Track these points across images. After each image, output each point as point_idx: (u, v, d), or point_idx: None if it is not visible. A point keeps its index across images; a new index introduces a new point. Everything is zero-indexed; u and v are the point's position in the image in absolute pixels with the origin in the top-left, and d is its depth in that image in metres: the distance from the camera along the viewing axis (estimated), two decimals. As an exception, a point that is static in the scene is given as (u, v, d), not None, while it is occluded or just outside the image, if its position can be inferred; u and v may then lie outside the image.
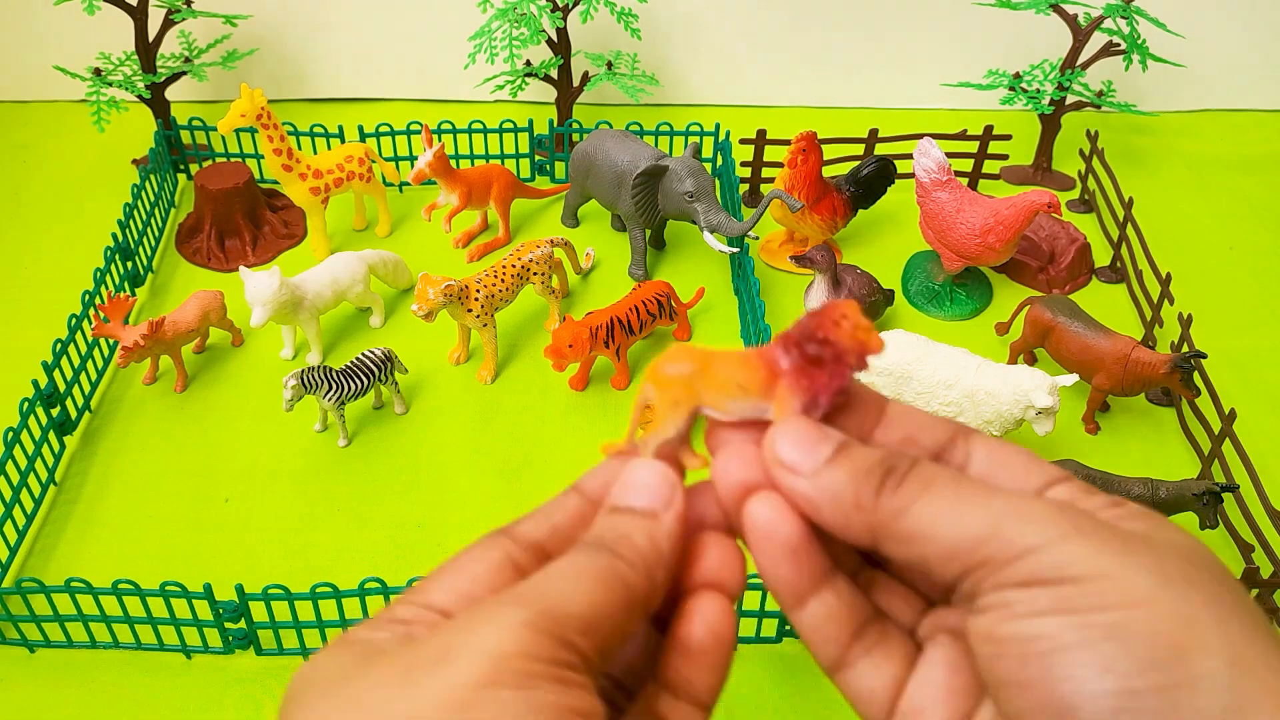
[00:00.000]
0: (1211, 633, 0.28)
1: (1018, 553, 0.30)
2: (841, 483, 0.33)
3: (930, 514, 0.32)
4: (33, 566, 0.94)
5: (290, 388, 0.98)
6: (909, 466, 0.33)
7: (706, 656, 0.35)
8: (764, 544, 0.35)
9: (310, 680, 0.31)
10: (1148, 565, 0.29)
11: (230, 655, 0.88)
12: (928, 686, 0.35)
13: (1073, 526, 0.30)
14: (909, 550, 0.32)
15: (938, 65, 1.52)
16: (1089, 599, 0.28)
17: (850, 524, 0.33)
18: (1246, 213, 1.40)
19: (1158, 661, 0.27)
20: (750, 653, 0.88)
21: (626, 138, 1.25)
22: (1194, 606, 0.28)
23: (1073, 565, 0.29)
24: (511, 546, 0.35)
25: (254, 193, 1.30)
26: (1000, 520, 0.30)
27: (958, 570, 0.31)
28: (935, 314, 1.22)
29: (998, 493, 0.32)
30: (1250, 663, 0.27)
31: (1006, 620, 0.30)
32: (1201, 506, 0.89)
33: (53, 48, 1.51)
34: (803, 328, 0.36)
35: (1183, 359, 1.01)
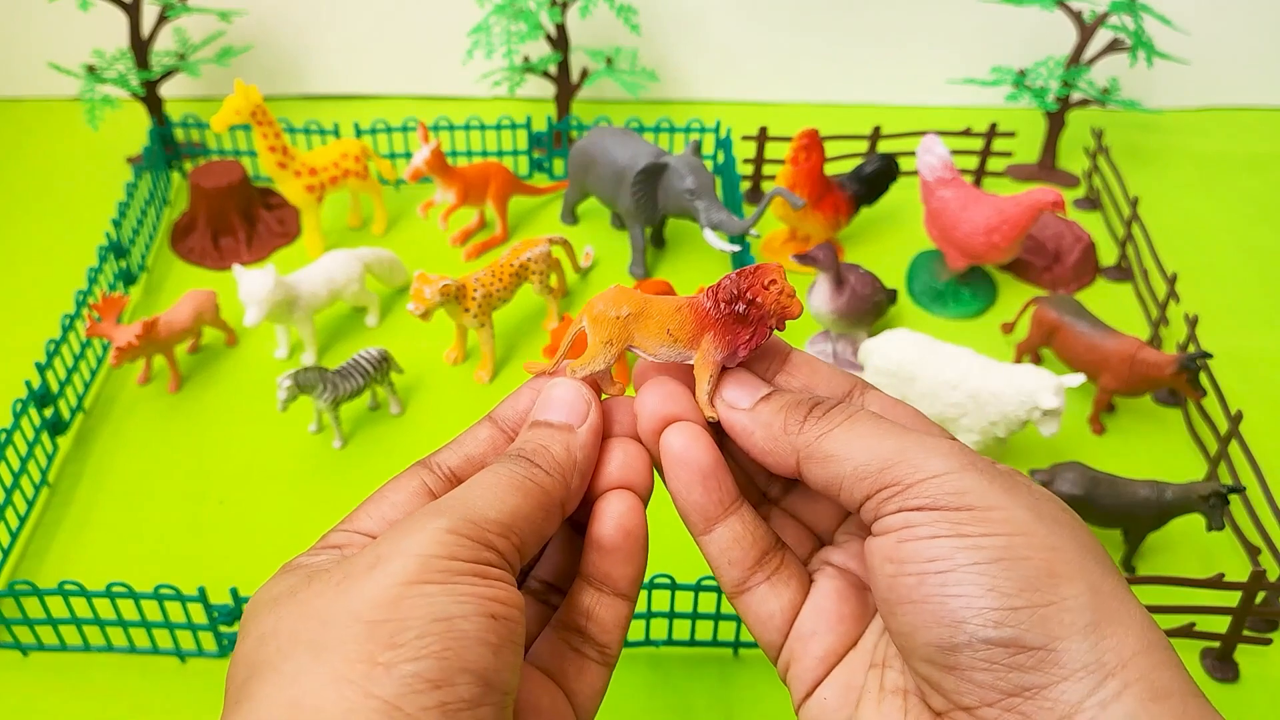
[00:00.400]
0: (1076, 563, 0.32)
1: (922, 477, 0.34)
2: (773, 413, 0.38)
3: (846, 438, 0.36)
4: (25, 569, 0.93)
5: (285, 388, 0.97)
6: (835, 403, 0.38)
7: (619, 551, 0.39)
8: (678, 469, 0.38)
9: (259, 601, 0.34)
10: (1025, 502, 0.33)
11: (225, 659, 0.87)
12: (819, 612, 0.39)
13: (969, 461, 0.34)
14: (825, 469, 0.36)
15: (942, 62, 1.51)
16: (980, 526, 0.32)
17: (779, 448, 0.37)
18: (1254, 211, 1.39)
19: (1033, 583, 0.32)
20: (751, 656, 0.87)
21: (626, 135, 1.23)
22: (1062, 539, 0.33)
23: (967, 494, 0.33)
24: (428, 475, 0.39)
25: (249, 190, 1.29)
26: (908, 448, 0.34)
27: (867, 489, 0.35)
28: (939, 313, 1.21)
29: (908, 430, 0.36)
30: (1103, 591, 0.32)
31: (908, 541, 0.33)
32: (1208, 508, 0.88)
33: (46, 44, 1.49)
34: (733, 286, 0.40)
35: (1189, 359, 1.00)
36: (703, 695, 0.84)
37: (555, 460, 0.38)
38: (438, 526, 0.33)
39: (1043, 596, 0.31)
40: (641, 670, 0.86)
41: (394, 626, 0.30)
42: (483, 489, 0.36)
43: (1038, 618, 0.31)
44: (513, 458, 0.37)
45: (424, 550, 0.32)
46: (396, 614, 0.31)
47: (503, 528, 0.34)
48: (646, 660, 0.87)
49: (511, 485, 0.36)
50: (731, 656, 0.88)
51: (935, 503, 0.33)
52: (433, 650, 0.30)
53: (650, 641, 0.87)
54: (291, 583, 0.34)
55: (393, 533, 0.34)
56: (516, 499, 0.35)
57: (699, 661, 0.87)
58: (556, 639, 0.39)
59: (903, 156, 1.32)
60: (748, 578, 0.39)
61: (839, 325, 1.11)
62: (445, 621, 0.31)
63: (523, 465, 0.37)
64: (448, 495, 0.36)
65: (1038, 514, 0.33)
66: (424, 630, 0.30)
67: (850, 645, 0.38)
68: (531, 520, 0.36)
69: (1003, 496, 0.33)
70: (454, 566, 0.32)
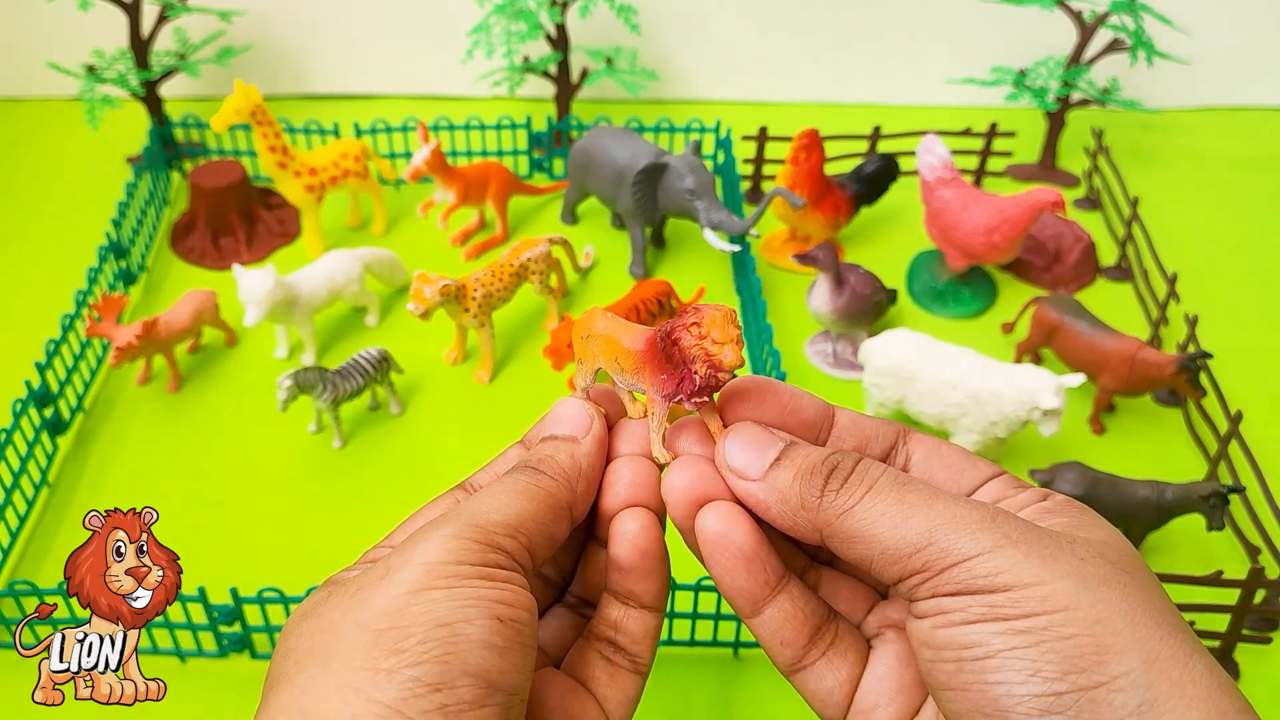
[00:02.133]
0: (1125, 633, 0.30)
1: (953, 561, 0.32)
2: (787, 484, 0.35)
3: (871, 518, 0.33)
4: (25, 569, 0.93)
5: (285, 388, 0.97)
6: (852, 466, 0.35)
7: (638, 569, 0.39)
8: (718, 554, 0.37)
9: (294, 617, 0.35)
10: (1068, 570, 0.31)
11: (225, 659, 0.87)
12: (880, 683, 0.37)
13: (1003, 535, 0.32)
14: (852, 550, 0.34)
15: (942, 61, 1.51)
16: (1016, 607, 0.30)
17: (798, 524, 0.35)
18: (1254, 211, 1.39)
19: (1078, 664, 0.29)
20: (751, 656, 0.87)
21: (626, 134, 1.23)
22: (1110, 608, 0.30)
23: (1001, 574, 0.31)
24: (463, 495, 0.40)
25: (248, 190, 1.29)
26: (936, 528, 0.32)
27: (898, 573, 0.33)
28: (939, 313, 1.21)
29: (936, 498, 0.33)
30: (1159, 659, 0.30)
31: (943, 628, 0.32)
32: (1208, 508, 0.88)
33: (46, 44, 1.49)
34: (670, 322, 0.38)
35: (1189, 359, 1.00)
36: (703, 695, 0.84)
37: (560, 467, 0.38)
38: (444, 533, 0.34)
39: (1089, 678, 0.29)
40: (641, 670, 0.86)
41: (398, 634, 0.31)
42: (488, 496, 0.37)
43: (1085, 701, 0.29)
44: (520, 468, 0.39)
45: (430, 557, 0.33)
46: (401, 621, 0.32)
47: (509, 529, 0.35)
48: (646, 660, 0.87)
49: (517, 490, 0.37)
50: (731, 656, 0.87)
51: (969, 586, 0.31)
52: (433, 655, 0.31)
53: (650, 641, 0.87)
54: (320, 597, 0.35)
55: (405, 543, 0.35)
56: (522, 502, 0.36)
57: (699, 661, 0.87)
58: (589, 649, 0.40)
59: (903, 156, 1.32)
60: (802, 656, 0.37)
61: (839, 325, 1.11)
62: (447, 626, 0.32)
63: (529, 473, 0.38)
64: (457, 506, 0.37)
65: (1082, 581, 0.31)
66: (426, 636, 0.31)
67: (914, 713, 0.37)
68: (538, 521, 0.36)
69: (1041, 569, 0.31)
70: (460, 570, 0.33)
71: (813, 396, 0.39)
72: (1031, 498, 0.36)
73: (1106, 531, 0.34)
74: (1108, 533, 0.34)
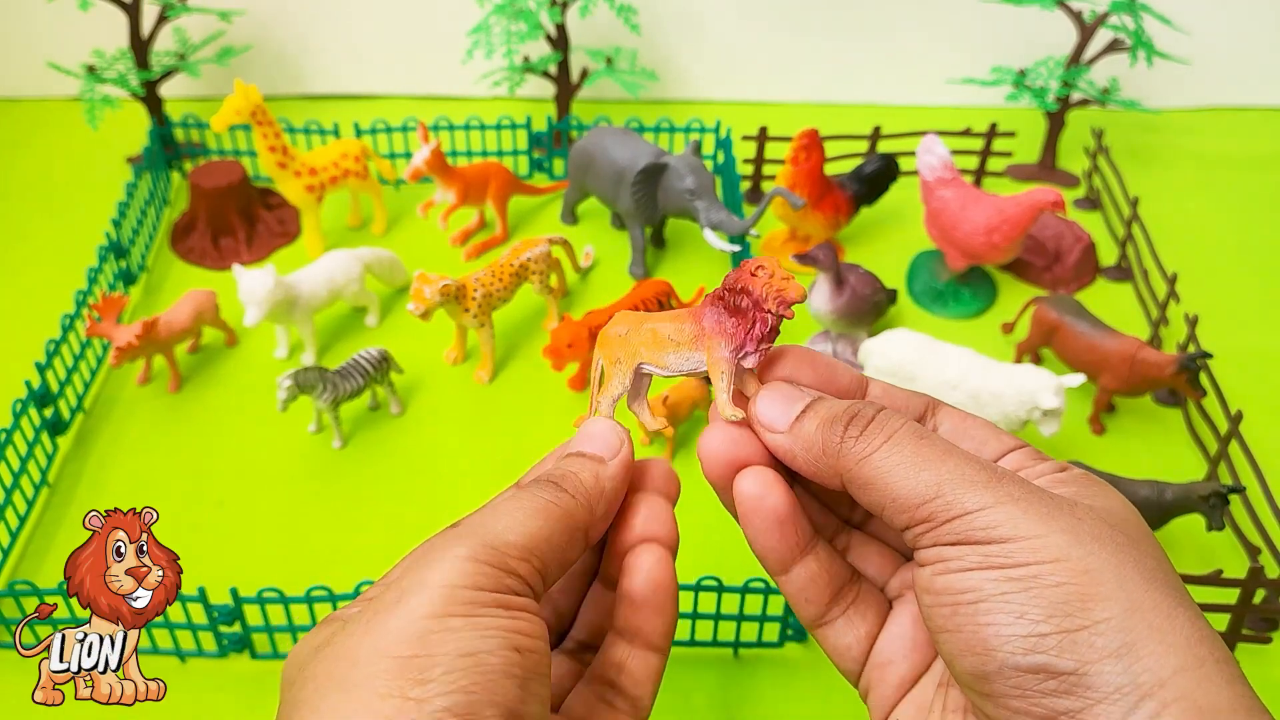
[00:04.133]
0: (1111, 583, 0.32)
1: (956, 513, 0.34)
2: (811, 432, 0.37)
3: (887, 466, 0.35)
4: (25, 569, 0.93)
5: (285, 388, 0.97)
6: (872, 415, 0.37)
7: (649, 604, 0.39)
8: (753, 516, 0.39)
9: (300, 652, 0.35)
10: (1064, 527, 0.33)
11: (225, 659, 0.87)
12: (895, 641, 0.39)
13: (1005, 493, 0.33)
14: (867, 496, 0.36)
15: (942, 62, 1.51)
16: (1009, 556, 0.32)
17: (821, 469, 0.37)
18: (1254, 211, 1.39)
19: (1063, 609, 0.31)
20: (751, 656, 0.87)
21: (626, 135, 1.23)
22: (1099, 560, 0.32)
23: (999, 527, 0.33)
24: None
25: (248, 190, 1.29)
26: (944, 483, 0.34)
27: (905, 521, 0.35)
28: (939, 313, 1.21)
29: (949, 454, 0.35)
30: (1142, 608, 0.31)
31: (941, 574, 0.34)
32: (1208, 508, 0.88)
33: (46, 44, 1.49)
34: (725, 282, 0.40)
35: (1189, 359, 1.00)
36: (703, 695, 0.84)
37: (583, 486, 0.38)
38: (458, 555, 0.33)
39: (1073, 621, 0.31)
40: (641, 670, 0.86)
41: (422, 662, 0.31)
42: (502, 513, 0.36)
43: (1067, 642, 0.31)
44: (539, 483, 0.38)
45: (447, 581, 0.33)
46: (424, 649, 0.31)
47: (523, 551, 0.35)
48: (646, 660, 0.87)
49: (534, 509, 0.36)
50: (731, 656, 0.87)
51: (968, 537, 0.33)
52: (460, 685, 0.31)
53: (650, 641, 0.87)
54: (329, 632, 0.34)
55: (414, 564, 0.34)
56: (537, 522, 0.36)
57: (699, 661, 0.87)
58: (589, 693, 0.40)
59: (903, 156, 1.32)
60: (824, 613, 0.40)
61: (839, 325, 1.11)
62: (472, 656, 0.31)
63: (548, 490, 0.37)
64: (467, 519, 0.36)
65: (1075, 536, 0.32)
66: (451, 665, 0.31)
67: (925, 669, 0.39)
68: (553, 543, 0.36)
69: (1037, 525, 0.33)
70: (478, 598, 0.33)
71: (848, 367, 0.41)
72: (1049, 469, 0.37)
73: (1115, 501, 0.36)
74: (1116, 502, 0.36)
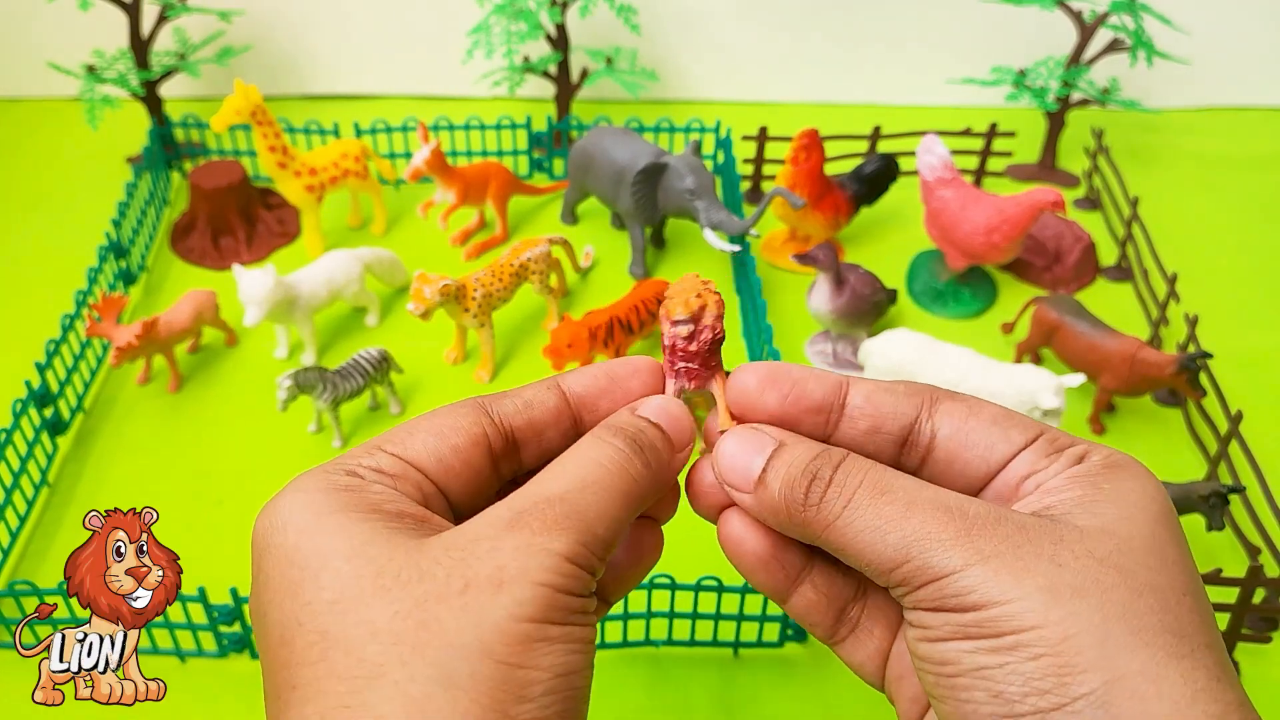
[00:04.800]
0: (1090, 650, 0.29)
1: (927, 578, 0.32)
2: (774, 498, 0.35)
3: (851, 533, 0.33)
4: (25, 569, 0.93)
5: (285, 388, 0.97)
6: (830, 474, 0.34)
7: (630, 576, 0.39)
8: (736, 560, 0.38)
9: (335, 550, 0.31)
10: (1040, 584, 0.30)
11: (225, 659, 0.87)
12: (904, 657, 0.38)
13: (975, 551, 0.31)
14: (845, 558, 0.35)
15: (942, 62, 1.51)
16: (983, 627, 0.30)
17: (792, 532, 0.36)
18: (1254, 211, 1.39)
19: (1039, 687, 0.29)
20: (751, 656, 0.87)
21: (626, 134, 1.23)
22: (1079, 623, 0.30)
23: (972, 593, 0.31)
24: (489, 425, 0.36)
25: (248, 190, 1.29)
26: (911, 545, 0.32)
27: (884, 584, 0.34)
28: (939, 313, 1.21)
29: (913, 510, 0.33)
30: (1127, 675, 0.29)
31: (923, 641, 0.32)
32: (1208, 508, 0.88)
33: (46, 44, 1.49)
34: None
35: (1189, 359, 1.00)
36: (703, 695, 0.84)
37: (662, 463, 0.37)
38: (558, 552, 0.31)
39: (1049, 700, 0.29)
40: (641, 670, 0.86)
41: (524, 676, 0.29)
42: (594, 495, 0.34)
43: None
44: (628, 441, 0.36)
45: (548, 580, 0.31)
46: (527, 660, 0.30)
47: (606, 549, 0.33)
48: (646, 660, 0.87)
49: (623, 487, 0.34)
50: (731, 656, 0.87)
51: (943, 605, 0.32)
52: (556, 710, 0.30)
53: (650, 641, 0.87)
54: (380, 546, 0.31)
55: (509, 540, 0.31)
56: (622, 508, 0.34)
57: (699, 661, 0.87)
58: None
59: (903, 156, 1.32)
60: (832, 633, 0.39)
61: (839, 325, 1.11)
62: (566, 678, 0.30)
63: (638, 458, 0.35)
64: (561, 494, 0.33)
65: (1053, 595, 0.30)
66: (551, 687, 0.30)
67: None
68: (622, 529, 0.35)
69: (1011, 586, 0.30)
70: (571, 604, 0.31)
71: (821, 377, 0.38)
72: (1062, 467, 0.35)
73: (1123, 507, 0.33)
74: (1125, 508, 0.33)
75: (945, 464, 0.37)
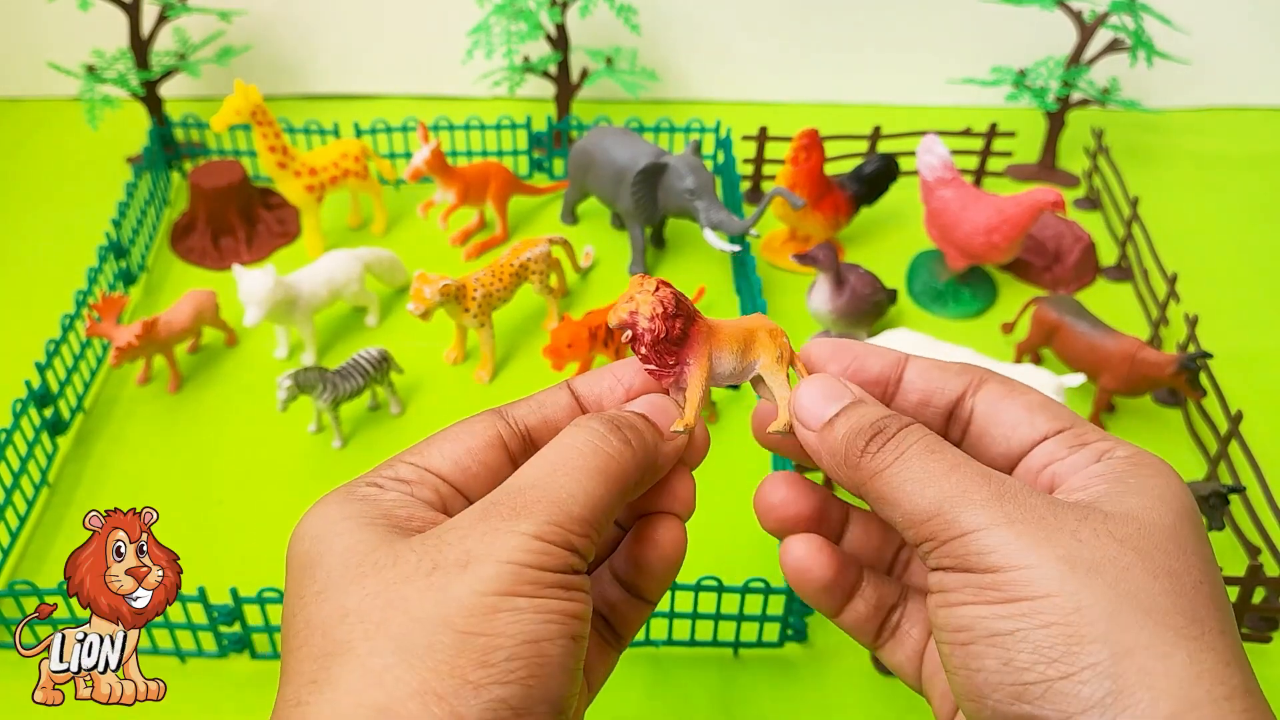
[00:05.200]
0: (1101, 622, 0.30)
1: (955, 534, 0.33)
2: (837, 440, 0.37)
3: (896, 483, 0.35)
4: (25, 569, 0.93)
5: (285, 388, 0.97)
6: (895, 430, 0.36)
7: (656, 574, 0.40)
8: (798, 583, 0.40)
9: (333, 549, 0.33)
10: (1060, 554, 0.31)
11: (224, 659, 0.87)
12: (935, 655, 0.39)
13: (1003, 514, 0.32)
14: (882, 511, 0.36)
15: (942, 61, 1.51)
16: (1000, 590, 0.31)
17: (841, 477, 0.37)
18: (1254, 211, 1.39)
19: (1048, 655, 0.30)
20: (751, 656, 0.87)
21: (626, 134, 1.23)
22: (1092, 594, 0.30)
23: (993, 553, 0.32)
24: (504, 427, 0.38)
25: (248, 190, 1.29)
26: (946, 499, 0.33)
27: (913, 538, 0.34)
28: (939, 313, 1.21)
29: (955, 469, 0.34)
30: (1134, 649, 0.29)
31: (942, 607, 0.33)
32: (1208, 508, 0.88)
33: (46, 44, 1.49)
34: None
35: (1189, 359, 1.00)
36: (703, 695, 0.84)
37: (646, 445, 0.37)
38: (526, 532, 0.32)
39: (1058, 669, 0.30)
40: (641, 670, 0.86)
41: (485, 643, 0.30)
42: (566, 475, 0.34)
43: (1053, 692, 0.30)
44: (606, 424, 0.37)
45: (514, 558, 0.32)
46: (489, 628, 0.30)
47: (586, 525, 0.34)
48: (646, 660, 0.87)
49: (597, 466, 0.35)
50: (731, 656, 0.87)
51: (963, 563, 0.32)
52: (520, 676, 0.30)
53: (650, 641, 0.87)
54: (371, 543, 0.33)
55: (480, 526, 0.33)
56: (599, 486, 0.35)
57: (699, 661, 0.87)
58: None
59: (903, 156, 1.32)
60: (875, 640, 0.41)
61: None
62: (534, 644, 0.31)
63: (615, 436, 0.36)
64: (532, 480, 0.34)
65: (1070, 566, 0.31)
66: (514, 653, 0.30)
67: None
68: (609, 508, 0.35)
69: (1029, 552, 0.31)
70: (543, 578, 0.32)
71: (882, 353, 0.40)
72: (1084, 460, 0.35)
73: (1148, 498, 0.33)
74: (1149, 500, 0.33)
75: (976, 439, 0.38)
